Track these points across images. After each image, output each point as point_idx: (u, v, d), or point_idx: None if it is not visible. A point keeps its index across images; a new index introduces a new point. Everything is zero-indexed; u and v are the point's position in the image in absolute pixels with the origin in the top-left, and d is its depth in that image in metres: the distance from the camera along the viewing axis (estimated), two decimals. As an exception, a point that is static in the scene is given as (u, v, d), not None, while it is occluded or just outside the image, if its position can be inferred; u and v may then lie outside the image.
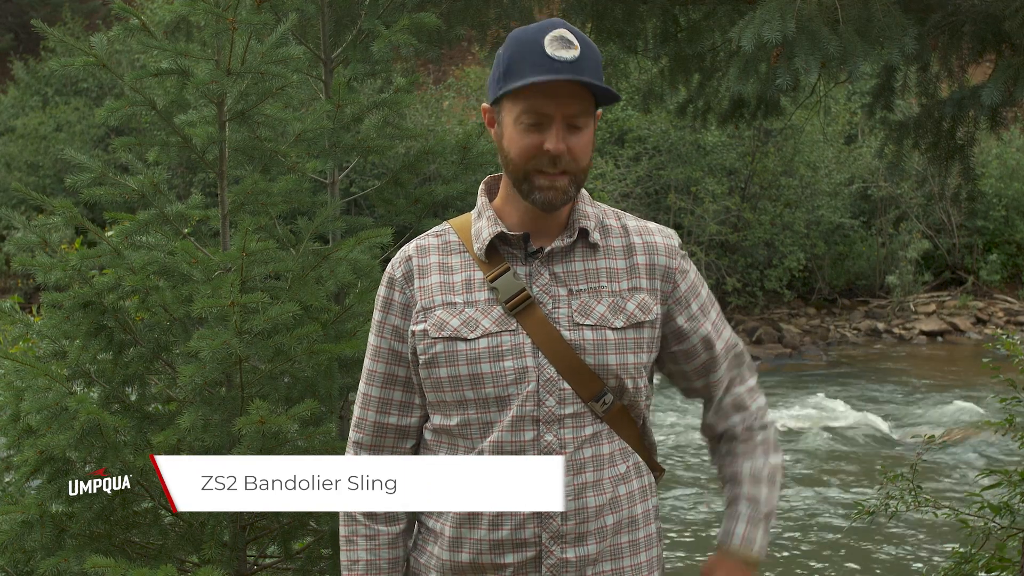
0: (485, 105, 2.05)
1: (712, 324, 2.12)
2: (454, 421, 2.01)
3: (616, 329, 2.00)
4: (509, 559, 1.98)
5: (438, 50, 5.60)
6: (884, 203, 20.62)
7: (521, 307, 1.99)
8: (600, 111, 2.03)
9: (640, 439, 2.10)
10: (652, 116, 17.53)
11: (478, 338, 1.98)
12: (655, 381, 2.20)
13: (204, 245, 3.83)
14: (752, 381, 2.22)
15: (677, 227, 19.18)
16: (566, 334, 1.98)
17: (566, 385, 1.97)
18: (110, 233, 3.63)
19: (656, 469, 2.15)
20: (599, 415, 2.01)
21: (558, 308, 2.00)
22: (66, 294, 3.51)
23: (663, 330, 2.08)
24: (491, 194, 2.12)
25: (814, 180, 19.84)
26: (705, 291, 2.14)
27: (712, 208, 19.26)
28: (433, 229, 2.14)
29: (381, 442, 2.10)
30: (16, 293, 15.93)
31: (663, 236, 2.10)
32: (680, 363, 2.13)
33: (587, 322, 1.99)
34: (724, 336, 2.15)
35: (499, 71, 1.98)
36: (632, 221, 2.11)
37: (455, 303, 2.01)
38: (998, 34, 4.49)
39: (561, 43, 1.92)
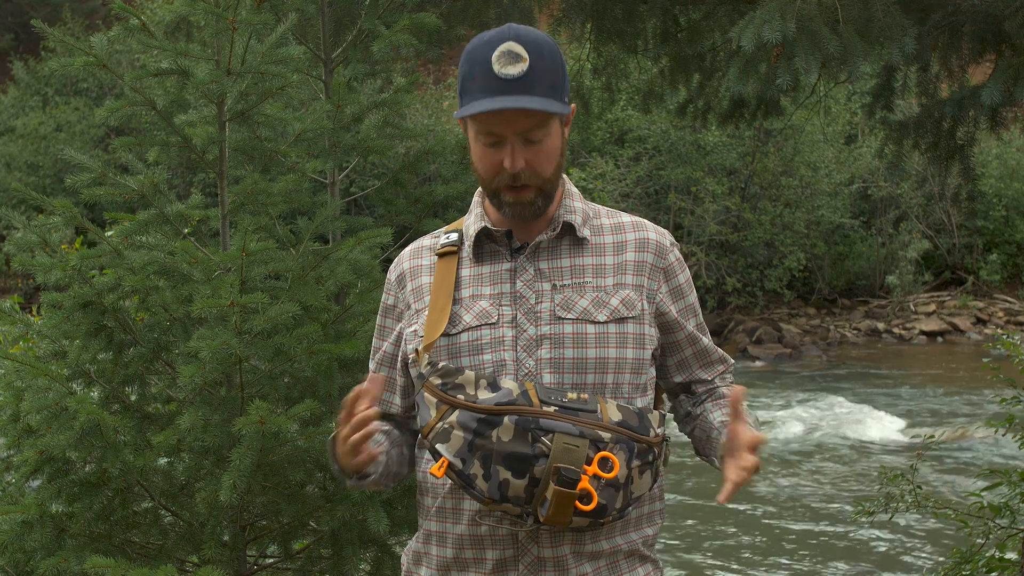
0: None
1: (693, 329, 2.12)
2: None
3: (597, 323, 1.99)
4: (489, 555, 1.98)
5: (438, 50, 5.61)
6: (884, 203, 20.64)
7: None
8: (573, 105, 2.01)
9: None
10: (652, 116, 17.55)
11: (459, 333, 1.99)
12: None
13: (204, 245, 3.82)
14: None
15: (677, 227, 19.20)
16: (545, 328, 1.98)
17: (545, 380, 1.96)
18: (110, 233, 3.63)
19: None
20: None
21: (541, 303, 2.00)
22: (66, 294, 3.50)
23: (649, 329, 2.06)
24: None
25: (814, 180, 19.86)
26: (691, 298, 2.13)
27: (712, 208, 19.28)
28: (432, 232, 2.18)
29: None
30: (16, 293, 15.94)
31: (656, 234, 2.09)
32: (665, 357, 2.13)
33: (568, 316, 1.98)
34: (705, 340, 2.15)
35: (458, 86, 1.97)
36: (627, 218, 2.11)
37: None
38: (998, 34, 4.49)
39: (508, 58, 1.89)
